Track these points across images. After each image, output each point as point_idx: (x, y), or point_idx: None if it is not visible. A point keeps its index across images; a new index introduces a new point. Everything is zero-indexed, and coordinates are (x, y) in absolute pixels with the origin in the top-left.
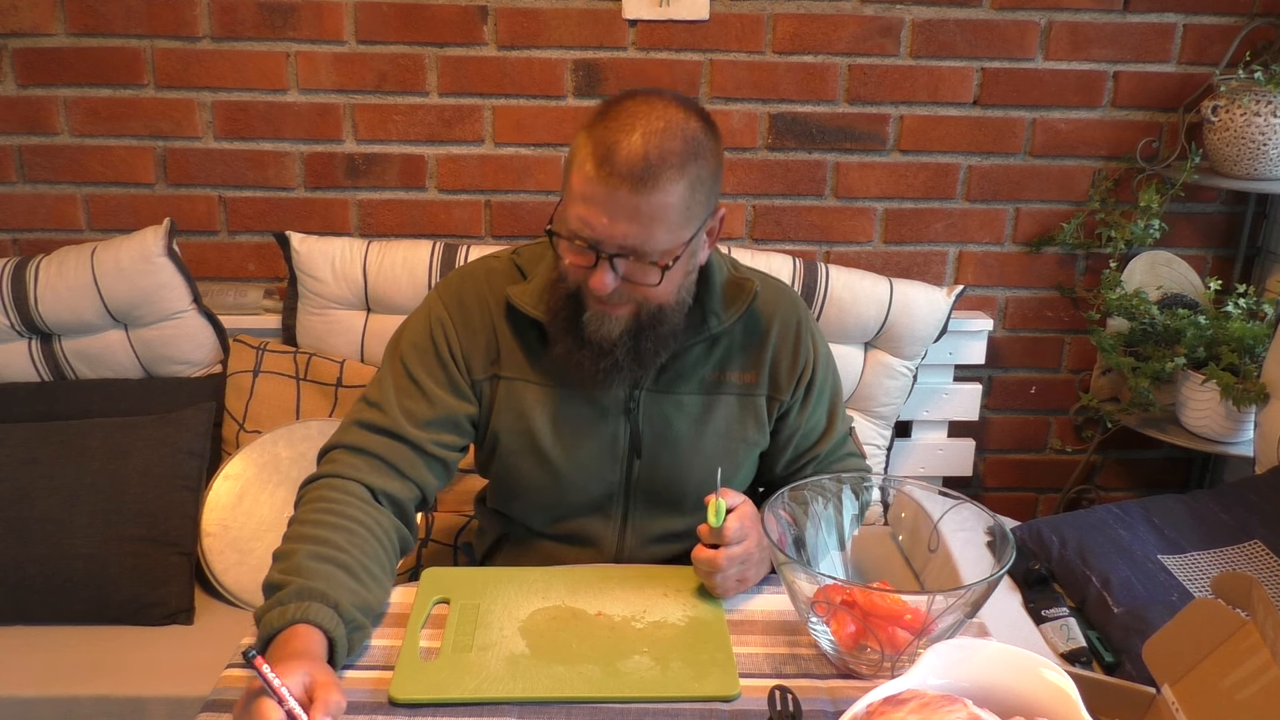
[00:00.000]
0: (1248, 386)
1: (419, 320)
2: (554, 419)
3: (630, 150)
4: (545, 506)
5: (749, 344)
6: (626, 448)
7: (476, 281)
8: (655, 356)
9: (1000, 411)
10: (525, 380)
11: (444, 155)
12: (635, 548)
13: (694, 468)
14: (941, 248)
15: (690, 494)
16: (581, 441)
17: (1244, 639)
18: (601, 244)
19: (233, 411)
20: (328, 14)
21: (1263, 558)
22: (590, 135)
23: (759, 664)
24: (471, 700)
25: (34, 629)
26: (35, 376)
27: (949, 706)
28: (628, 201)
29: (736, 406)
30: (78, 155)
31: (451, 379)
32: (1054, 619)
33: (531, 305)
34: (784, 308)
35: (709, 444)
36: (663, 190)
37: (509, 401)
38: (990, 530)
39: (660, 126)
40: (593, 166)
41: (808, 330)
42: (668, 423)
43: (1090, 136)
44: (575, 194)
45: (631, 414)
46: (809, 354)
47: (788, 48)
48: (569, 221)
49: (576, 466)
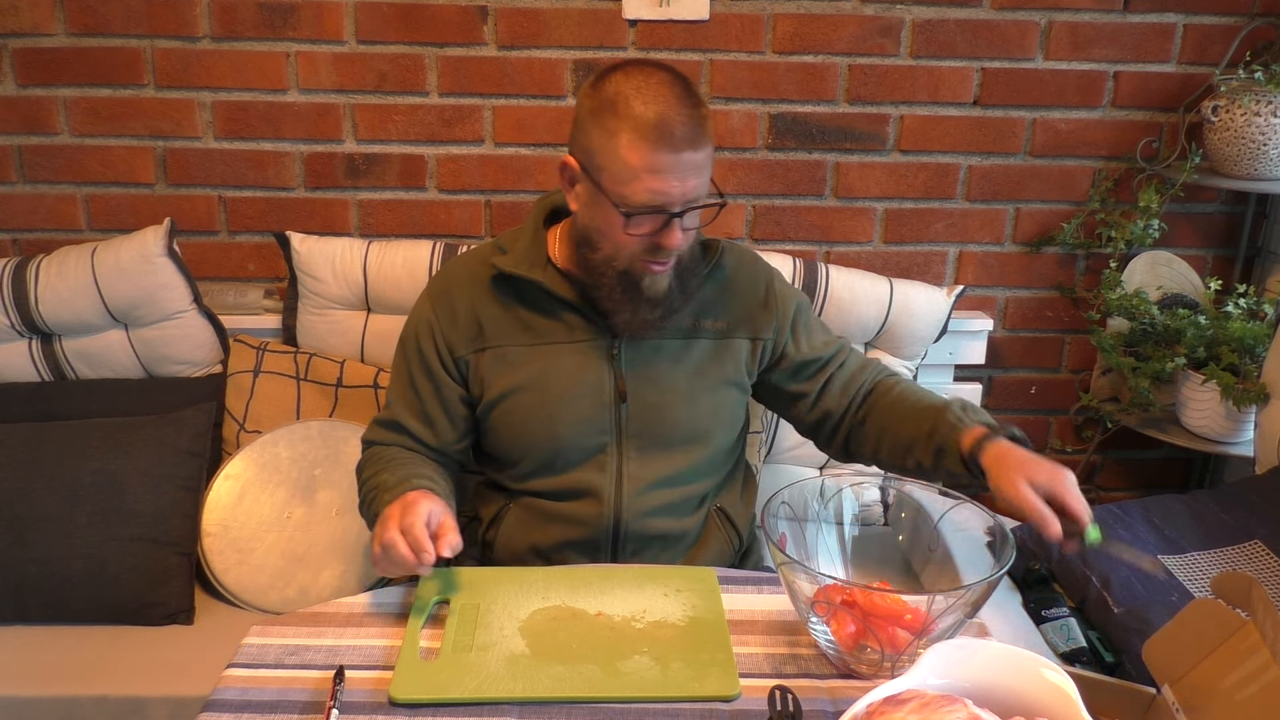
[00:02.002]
0: (1248, 387)
1: (412, 324)
2: (542, 372)
3: (681, 118)
4: (543, 461)
5: (719, 297)
6: (613, 391)
7: (456, 269)
8: (697, 288)
9: (1000, 411)
10: (510, 344)
11: (444, 155)
12: (633, 496)
13: (678, 405)
14: (942, 248)
15: (678, 432)
16: (570, 389)
17: (1244, 639)
18: (674, 204)
19: (233, 411)
20: (328, 14)
21: (1263, 558)
22: (631, 126)
23: (759, 664)
24: (471, 700)
25: (34, 629)
26: (35, 376)
27: (949, 706)
28: (691, 160)
29: (711, 348)
30: (78, 155)
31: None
32: (1054, 619)
33: (514, 266)
34: (748, 265)
35: (687, 382)
36: (707, 135)
37: (496, 366)
38: (990, 530)
39: (681, 89)
40: (651, 146)
41: (774, 279)
42: (648, 364)
43: (1090, 136)
44: (638, 171)
45: (615, 359)
46: (782, 296)
47: (788, 48)
48: (635, 197)
49: (566, 412)
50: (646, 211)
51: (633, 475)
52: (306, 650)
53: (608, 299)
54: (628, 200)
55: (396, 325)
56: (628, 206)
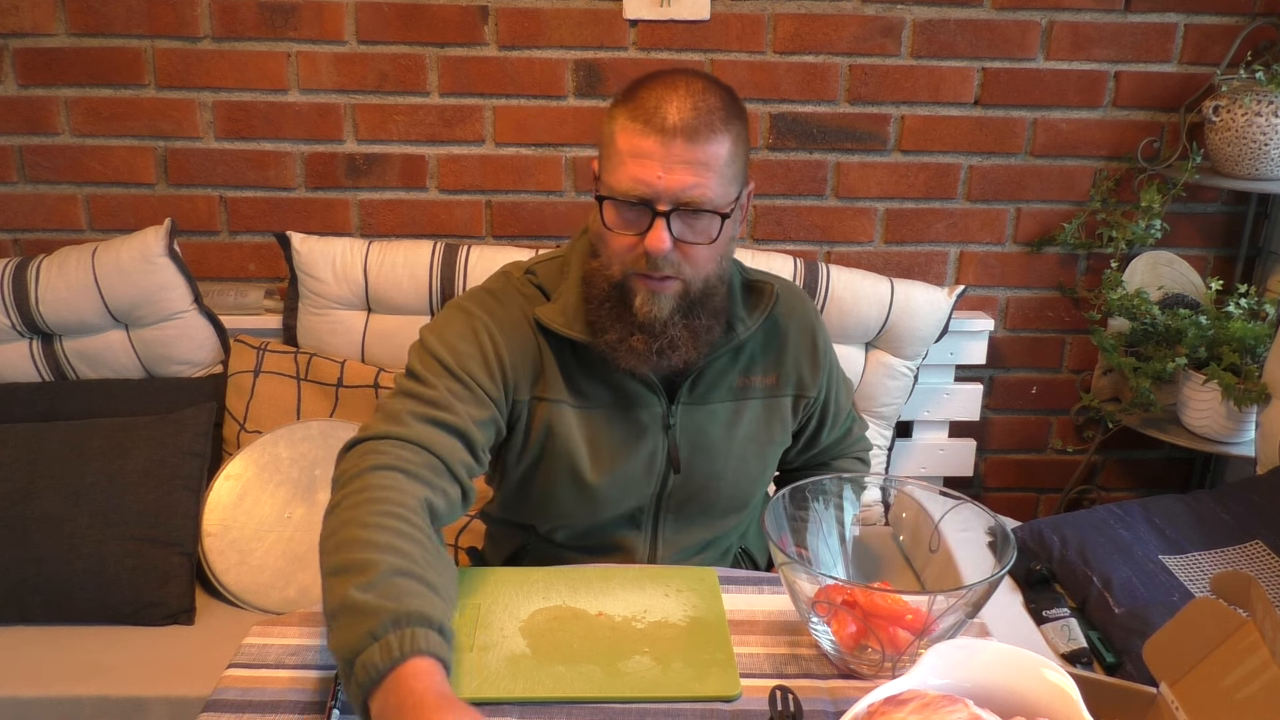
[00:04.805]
0: (1249, 387)
1: (458, 324)
2: (593, 441)
3: (680, 106)
4: (576, 524)
5: (769, 347)
6: (664, 463)
7: (511, 299)
8: (710, 334)
9: (1001, 411)
10: (565, 403)
11: (445, 155)
12: (665, 558)
13: (726, 472)
14: (942, 248)
15: (721, 500)
16: (620, 461)
17: (1244, 638)
18: (658, 198)
19: (233, 411)
20: (328, 14)
21: (1264, 558)
22: (627, 108)
23: (760, 664)
24: (472, 700)
25: (34, 629)
26: (36, 376)
27: (950, 707)
28: (682, 153)
29: (762, 409)
30: (78, 155)
31: (498, 385)
32: (1055, 619)
33: (565, 325)
34: (799, 310)
35: (740, 448)
36: (715, 140)
37: (550, 425)
38: (991, 530)
39: (700, 87)
40: (641, 126)
41: (820, 328)
42: (703, 432)
43: (1091, 136)
44: (624, 155)
45: (670, 429)
46: (826, 351)
47: (788, 48)
48: (619, 184)
49: (614, 486)
50: (627, 201)
51: (669, 540)
52: (307, 650)
53: (597, 312)
54: (613, 189)
55: (397, 325)
56: (609, 192)
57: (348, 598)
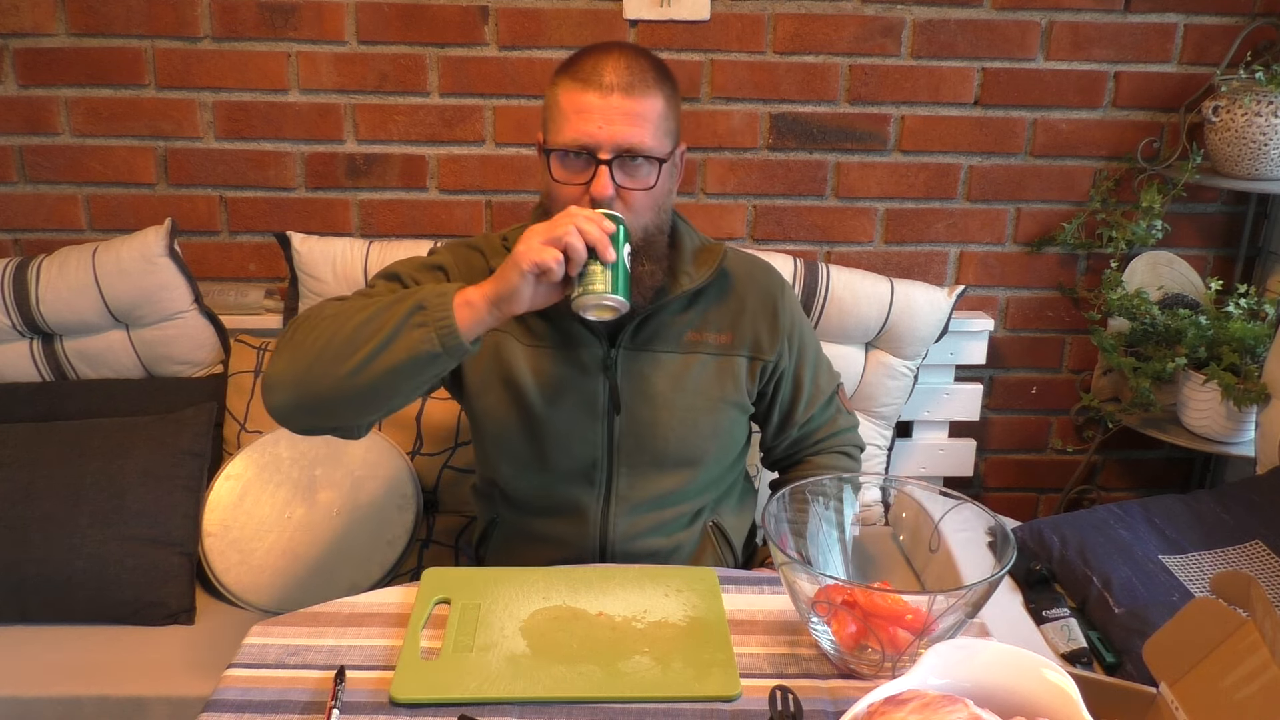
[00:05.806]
0: (1249, 387)
1: (421, 259)
2: (536, 373)
3: (615, 67)
4: (530, 466)
5: (723, 306)
6: (606, 404)
7: (469, 247)
8: (652, 279)
9: (1001, 411)
10: (512, 336)
11: (445, 155)
12: (620, 517)
13: (673, 424)
14: (942, 248)
15: (672, 452)
16: (562, 396)
17: (1244, 638)
18: (599, 146)
19: (234, 411)
20: (328, 14)
21: (1264, 558)
22: (567, 73)
23: (760, 664)
24: (472, 700)
25: (34, 629)
26: (36, 376)
27: (950, 707)
28: (620, 105)
29: (714, 365)
30: (79, 155)
31: None
32: (1055, 619)
33: None
34: (761, 280)
35: (686, 400)
36: (650, 96)
37: (496, 353)
38: (991, 530)
39: (632, 53)
40: (581, 85)
41: (785, 300)
42: (645, 379)
43: (1091, 136)
44: (567, 113)
45: (610, 371)
46: (793, 323)
47: (788, 48)
48: (563, 136)
49: (558, 421)
50: (572, 151)
51: (622, 495)
52: (307, 650)
53: None
54: (557, 143)
55: None
56: (554, 146)
57: (367, 318)
